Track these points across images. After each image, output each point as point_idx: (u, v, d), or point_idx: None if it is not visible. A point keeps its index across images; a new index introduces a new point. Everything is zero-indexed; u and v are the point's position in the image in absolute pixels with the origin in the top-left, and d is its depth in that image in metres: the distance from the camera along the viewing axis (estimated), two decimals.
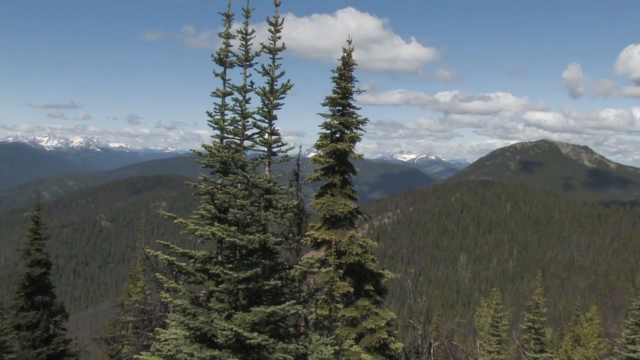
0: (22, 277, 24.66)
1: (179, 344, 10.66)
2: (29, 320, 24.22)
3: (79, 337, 57.74)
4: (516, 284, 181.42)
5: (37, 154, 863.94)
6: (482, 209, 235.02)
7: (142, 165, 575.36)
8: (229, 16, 11.76)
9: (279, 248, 11.18)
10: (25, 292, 24.76)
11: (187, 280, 11.62)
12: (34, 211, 25.90)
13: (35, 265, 24.81)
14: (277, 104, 11.55)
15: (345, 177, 19.62)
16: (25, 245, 25.13)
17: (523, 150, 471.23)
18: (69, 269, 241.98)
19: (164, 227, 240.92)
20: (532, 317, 29.21)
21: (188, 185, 11.69)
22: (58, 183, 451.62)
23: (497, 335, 32.16)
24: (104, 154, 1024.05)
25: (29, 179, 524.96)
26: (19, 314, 24.24)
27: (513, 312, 76.14)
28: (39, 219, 25.68)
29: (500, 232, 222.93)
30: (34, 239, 25.23)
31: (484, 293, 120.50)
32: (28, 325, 24.24)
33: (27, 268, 24.69)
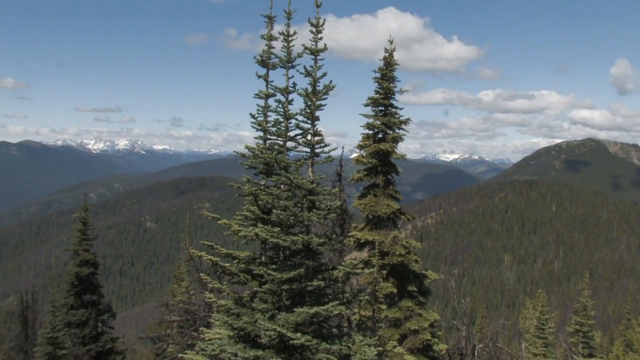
0: (72, 276, 25.24)
1: (223, 344, 10.74)
2: (78, 318, 24.79)
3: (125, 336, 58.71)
4: (562, 285, 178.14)
5: (85, 156, 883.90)
6: (526, 209, 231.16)
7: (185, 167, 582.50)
8: (270, 18, 11.81)
9: (322, 249, 11.17)
10: (74, 291, 25.34)
11: (231, 280, 11.70)
12: (81, 213, 26.47)
13: (83, 265, 25.37)
14: (319, 105, 11.54)
15: (388, 177, 19.53)
16: (74, 245, 25.71)
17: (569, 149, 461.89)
18: (116, 269, 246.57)
19: (207, 228, 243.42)
20: (580, 320, 28.56)
21: (232, 187, 11.77)
22: (104, 185, 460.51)
23: (543, 338, 31.53)
24: (148, 156, 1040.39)
25: (77, 181, 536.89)
26: (69, 312, 24.84)
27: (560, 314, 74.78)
28: (87, 220, 26.24)
29: (545, 232, 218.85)
30: (82, 239, 25.79)
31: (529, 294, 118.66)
32: (78, 322, 24.82)
33: (76, 268, 25.26)
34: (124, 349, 27.50)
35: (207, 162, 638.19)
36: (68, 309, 25.25)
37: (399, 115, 19.41)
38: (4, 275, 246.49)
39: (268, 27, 11.87)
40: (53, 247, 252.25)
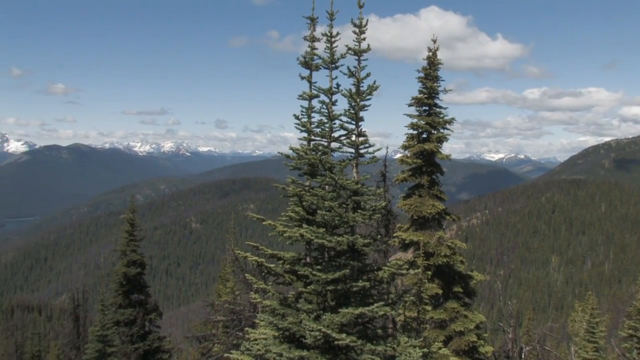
0: (120, 276, 25.70)
1: (268, 344, 10.79)
2: (126, 317, 25.21)
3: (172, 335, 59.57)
4: (613, 288, 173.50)
5: (131, 158, 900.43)
6: (574, 209, 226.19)
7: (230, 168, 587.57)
8: (313, 19, 11.83)
9: (367, 249, 11.14)
10: (122, 291, 25.80)
11: (276, 281, 11.76)
12: (129, 214, 26.91)
13: (131, 265, 25.80)
14: (363, 105, 11.52)
15: (432, 177, 19.37)
16: (122, 246, 26.17)
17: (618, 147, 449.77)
18: (162, 269, 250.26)
19: (252, 229, 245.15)
20: (634, 325, 27.68)
21: (276, 188, 11.83)
22: (151, 186, 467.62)
23: (594, 342, 30.68)
24: (193, 158, 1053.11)
25: (124, 182, 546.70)
26: (118, 311, 25.29)
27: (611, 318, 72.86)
28: (134, 221, 26.67)
29: (594, 233, 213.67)
30: (129, 240, 26.23)
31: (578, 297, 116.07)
32: (126, 321, 25.25)
33: (124, 268, 25.71)
34: (171, 348, 27.86)
35: (251, 164, 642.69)
36: (117, 308, 25.72)
37: (443, 114, 19.25)
38: (57, 274, 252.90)
39: (311, 28, 11.90)
40: (102, 247, 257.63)
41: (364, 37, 11.51)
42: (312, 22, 11.84)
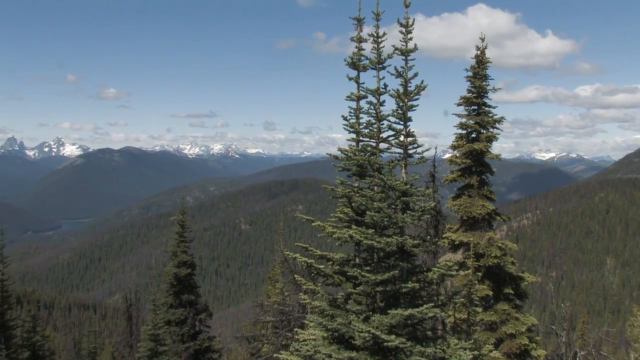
0: (171, 276, 26.08)
1: (317, 345, 10.82)
2: (177, 317, 25.58)
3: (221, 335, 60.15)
4: None
5: (181, 161, 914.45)
6: (630, 209, 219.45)
7: (278, 170, 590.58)
8: (359, 20, 11.83)
9: (416, 250, 11.07)
10: (173, 291, 26.18)
11: (325, 282, 11.78)
12: (179, 215, 27.28)
13: (181, 266, 26.15)
14: (411, 105, 11.45)
15: (482, 177, 19.13)
16: (173, 247, 26.55)
17: None
18: (212, 270, 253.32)
19: (301, 230, 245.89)
20: None
21: (325, 189, 11.86)
22: (200, 188, 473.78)
23: None
24: (242, 160, 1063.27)
25: (174, 184, 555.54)
26: (169, 311, 25.68)
27: None
28: (184, 223, 27.04)
29: None
30: (180, 241, 26.60)
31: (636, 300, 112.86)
32: (177, 321, 25.61)
33: (174, 268, 26.09)
34: (220, 348, 28.12)
35: (299, 165, 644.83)
36: (168, 308, 26.11)
37: (492, 114, 18.99)
38: (110, 274, 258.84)
39: (357, 29, 11.89)
40: (153, 248, 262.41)
41: (410, 37, 11.44)
42: (358, 22, 11.84)
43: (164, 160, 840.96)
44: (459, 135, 19.29)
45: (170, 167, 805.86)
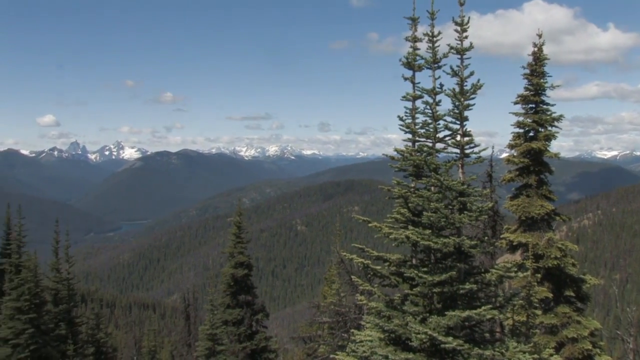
0: (228, 277, 26.45)
1: (373, 346, 10.81)
2: (234, 317, 25.92)
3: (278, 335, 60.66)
4: None
5: (238, 163, 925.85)
6: None
7: (334, 171, 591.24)
8: (414, 20, 11.77)
9: (474, 251, 10.95)
10: (230, 291, 26.54)
11: (381, 283, 11.76)
12: (236, 217, 27.63)
13: (238, 267, 26.49)
14: (467, 104, 11.34)
15: (540, 177, 18.75)
16: (230, 248, 26.92)
17: None
18: (268, 270, 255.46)
19: (357, 231, 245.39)
20: None
21: (381, 190, 11.85)
22: (256, 190, 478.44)
23: None
24: (298, 161, 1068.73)
25: (230, 186, 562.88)
26: (226, 311, 26.05)
27: None
28: (241, 224, 27.38)
29: None
30: (236, 242, 26.94)
31: None
32: (234, 321, 25.96)
33: (231, 269, 26.44)
34: (277, 348, 28.37)
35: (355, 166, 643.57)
36: (225, 308, 26.47)
37: (550, 112, 18.61)
38: (168, 275, 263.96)
39: (412, 29, 11.84)
40: (210, 249, 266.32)
41: (466, 35, 11.33)
42: (413, 22, 11.78)
43: (220, 163, 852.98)
44: (517, 134, 18.98)
45: (227, 169, 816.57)
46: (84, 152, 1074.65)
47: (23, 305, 20.91)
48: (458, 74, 11.37)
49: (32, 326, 20.95)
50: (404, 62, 11.88)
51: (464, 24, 11.27)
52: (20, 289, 21.16)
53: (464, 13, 11.25)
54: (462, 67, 11.38)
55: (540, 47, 18.49)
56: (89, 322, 27.73)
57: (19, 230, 26.45)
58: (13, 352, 20.45)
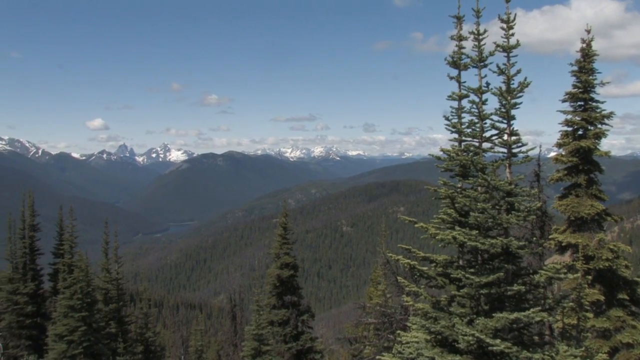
0: (274, 278, 26.59)
1: (419, 348, 10.75)
2: (280, 318, 26.05)
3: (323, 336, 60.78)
4: None
5: (283, 164, 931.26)
6: None
7: (379, 172, 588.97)
8: (459, 18, 11.67)
9: (522, 252, 10.80)
10: (276, 292, 26.68)
11: (428, 284, 11.68)
12: (281, 218, 27.76)
13: (284, 267, 26.61)
14: (514, 103, 11.18)
15: (590, 176, 18.36)
16: (275, 249, 27.06)
17: None
18: (314, 271, 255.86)
19: (402, 232, 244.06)
20: None
21: (427, 190, 11.77)
22: (302, 191, 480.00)
23: None
24: (343, 162, 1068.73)
25: (276, 187, 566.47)
26: (272, 311, 26.20)
27: None
28: (287, 225, 27.49)
29: None
30: (282, 243, 27.06)
31: None
32: (280, 322, 26.09)
33: (277, 270, 26.58)
34: (322, 349, 28.39)
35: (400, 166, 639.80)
36: (271, 309, 26.62)
37: (600, 109, 18.20)
38: (215, 275, 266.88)
39: (457, 27, 11.74)
40: (256, 250, 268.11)
41: (512, 33, 11.19)
42: (458, 20, 11.68)
43: (265, 164, 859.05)
44: (565, 133, 18.63)
45: (272, 171, 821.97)
46: (131, 154, 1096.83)
47: (76, 304, 21.51)
48: (504, 72, 11.23)
49: (85, 324, 21.52)
50: (449, 61, 11.79)
51: (510, 21, 11.13)
52: (73, 287, 21.77)
53: (509, 10, 11.12)
54: (509, 65, 11.24)
55: (589, 43, 18.10)
56: (138, 321, 28.26)
57: (71, 231, 27.17)
58: (68, 348, 21.09)
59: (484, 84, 11.40)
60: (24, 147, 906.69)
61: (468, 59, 11.62)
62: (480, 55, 11.39)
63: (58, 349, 21.28)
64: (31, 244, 32.34)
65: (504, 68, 11.24)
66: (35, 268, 32.38)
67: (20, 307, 30.48)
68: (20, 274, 31.32)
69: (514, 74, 11.19)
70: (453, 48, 11.83)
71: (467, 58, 11.65)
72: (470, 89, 11.50)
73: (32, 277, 31.80)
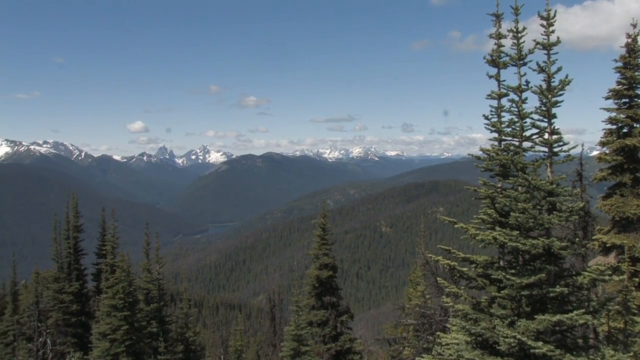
0: (313, 279, 26.63)
1: (460, 349, 10.65)
2: (319, 318, 26.08)
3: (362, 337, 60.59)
4: None
5: (321, 165, 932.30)
6: None
7: (418, 172, 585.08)
8: (498, 16, 11.55)
9: (564, 253, 10.61)
10: (315, 293, 26.71)
11: (467, 285, 11.57)
12: (320, 219, 27.75)
13: (323, 268, 26.62)
14: (555, 101, 10.99)
15: (636, 175, 17.97)
16: (314, 250, 27.08)
17: None
18: (353, 272, 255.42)
19: (442, 232, 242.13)
20: None
21: (467, 190, 11.66)
22: (340, 191, 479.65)
23: None
24: (381, 162, 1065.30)
25: (314, 188, 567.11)
26: (311, 312, 26.24)
27: None
28: (325, 226, 27.49)
29: None
30: (321, 244, 27.07)
31: None
32: (319, 322, 26.12)
33: (316, 271, 26.61)
34: (361, 350, 28.32)
35: (439, 166, 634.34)
36: (310, 309, 26.66)
37: None
38: (254, 276, 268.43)
39: (496, 25, 11.62)
40: (295, 250, 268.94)
41: (552, 30, 11.00)
42: (497, 18, 11.56)
43: (304, 165, 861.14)
44: (609, 131, 18.24)
45: (311, 171, 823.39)
46: (171, 156, 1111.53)
47: (118, 303, 21.90)
48: (545, 70, 11.05)
49: (127, 323, 21.89)
50: (488, 59, 11.66)
51: (550, 18, 10.95)
52: (115, 287, 22.17)
53: (549, 6, 10.94)
54: (549, 62, 11.05)
55: (635, 37, 17.71)
56: (179, 321, 28.59)
57: (113, 232, 27.66)
58: (111, 346, 21.51)
59: (523, 83, 11.25)
60: (67, 150, 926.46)
61: (507, 57, 11.49)
62: (519, 53, 11.24)
63: (102, 346, 21.73)
64: (75, 244, 33.17)
65: (544, 66, 11.06)
66: (80, 268, 33.23)
67: (66, 305, 31.30)
68: (65, 273, 32.19)
69: (554, 72, 11.01)
70: (492, 46, 11.72)
71: (506, 56, 11.52)
72: (509, 87, 11.36)
73: (76, 277, 32.63)
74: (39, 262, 39.43)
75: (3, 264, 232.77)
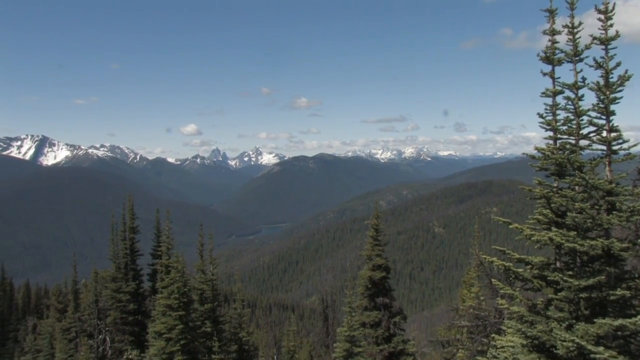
0: (365, 280, 26.55)
1: (515, 352, 10.44)
2: (372, 319, 25.98)
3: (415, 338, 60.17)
4: None
5: (374, 165, 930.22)
6: None
7: (471, 172, 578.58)
8: (552, 12, 11.29)
9: (625, 255, 10.27)
10: (368, 294, 26.62)
11: (523, 286, 11.35)
12: (373, 219, 27.63)
13: (376, 269, 26.51)
14: (614, 98, 10.66)
15: None
16: (367, 251, 26.99)
17: None
18: (405, 273, 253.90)
19: (496, 233, 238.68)
20: None
21: (522, 190, 11.45)
22: (393, 192, 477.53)
23: None
24: (434, 163, 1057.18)
25: (367, 189, 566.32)
26: (364, 313, 26.17)
27: None
28: (378, 227, 27.35)
29: None
30: (374, 245, 26.96)
31: None
32: (371, 323, 26.03)
33: (369, 272, 26.52)
34: (415, 351, 28.06)
35: (492, 166, 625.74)
36: (363, 310, 26.57)
37: None
38: (307, 277, 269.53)
39: (550, 21, 11.35)
40: (348, 251, 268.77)
41: (610, 24, 10.65)
42: (550, 14, 11.30)
43: (356, 166, 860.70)
44: None
45: (363, 172, 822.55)
46: (224, 158, 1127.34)
47: (173, 303, 22.28)
48: (602, 65, 10.72)
49: (182, 322, 22.26)
50: (542, 56, 11.41)
51: (608, 11, 10.61)
52: (170, 287, 22.56)
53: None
54: (607, 58, 10.71)
55: None
56: (232, 321, 28.88)
57: (168, 233, 28.11)
58: (166, 345, 21.94)
59: (579, 79, 10.96)
60: (123, 153, 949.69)
61: (562, 53, 11.21)
62: (575, 49, 10.96)
63: (157, 345, 22.14)
64: (131, 245, 33.94)
65: (601, 61, 10.72)
66: (136, 268, 33.99)
67: (124, 304, 32.08)
68: (122, 273, 32.99)
69: (612, 67, 10.66)
70: (546, 43, 11.47)
71: (561, 53, 11.25)
72: (565, 84, 11.08)
73: (133, 277, 33.39)
74: (98, 262, 40.51)
75: (65, 263, 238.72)
